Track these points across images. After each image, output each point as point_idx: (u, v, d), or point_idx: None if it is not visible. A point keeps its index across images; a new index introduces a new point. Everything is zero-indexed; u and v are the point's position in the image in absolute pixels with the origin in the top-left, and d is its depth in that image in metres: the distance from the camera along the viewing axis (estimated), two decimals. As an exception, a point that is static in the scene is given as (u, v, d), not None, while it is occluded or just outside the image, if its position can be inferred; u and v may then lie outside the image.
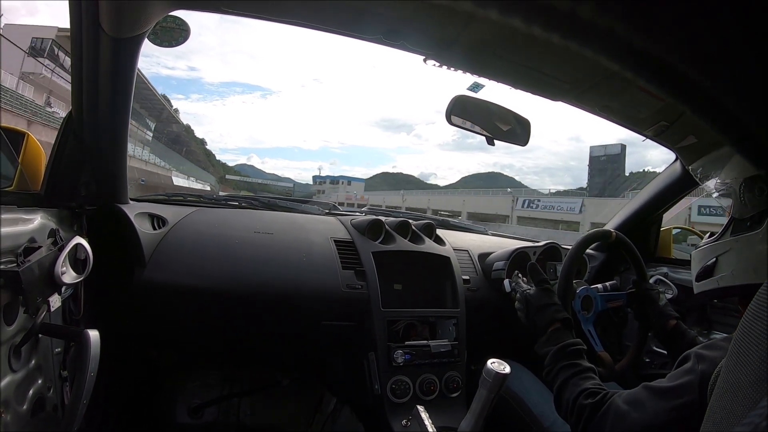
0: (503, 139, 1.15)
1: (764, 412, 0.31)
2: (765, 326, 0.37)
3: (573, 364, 0.88)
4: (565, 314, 1.01)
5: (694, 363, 0.71)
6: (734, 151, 0.47)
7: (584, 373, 0.87)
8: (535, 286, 1.10)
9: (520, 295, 1.12)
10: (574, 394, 0.82)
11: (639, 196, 1.67)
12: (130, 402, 1.54)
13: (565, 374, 0.87)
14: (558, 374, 0.88)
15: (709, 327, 1.39)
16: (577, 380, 0.85)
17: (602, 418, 0.77)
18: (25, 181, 0.93)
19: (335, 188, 71.55)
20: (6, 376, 0.72)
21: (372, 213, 1.76)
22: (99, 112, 0.94)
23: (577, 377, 0.85)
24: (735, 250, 0.82)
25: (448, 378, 1.31)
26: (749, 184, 0.82)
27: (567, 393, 0.84)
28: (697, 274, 0.91)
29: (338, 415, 1.64)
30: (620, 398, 0.77)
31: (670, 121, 1.14)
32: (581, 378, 0.85)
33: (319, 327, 1.34)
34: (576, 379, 0.85)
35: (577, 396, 0.81)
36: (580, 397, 0.81)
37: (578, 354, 0.91)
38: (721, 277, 0.84)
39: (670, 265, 1.57)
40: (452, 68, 0.91)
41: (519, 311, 1.11)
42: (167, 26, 0.86)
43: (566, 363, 0.88)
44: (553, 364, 0.90)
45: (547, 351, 0.93)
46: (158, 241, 1.21)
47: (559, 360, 0.90)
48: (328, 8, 0.82)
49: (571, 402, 0.82)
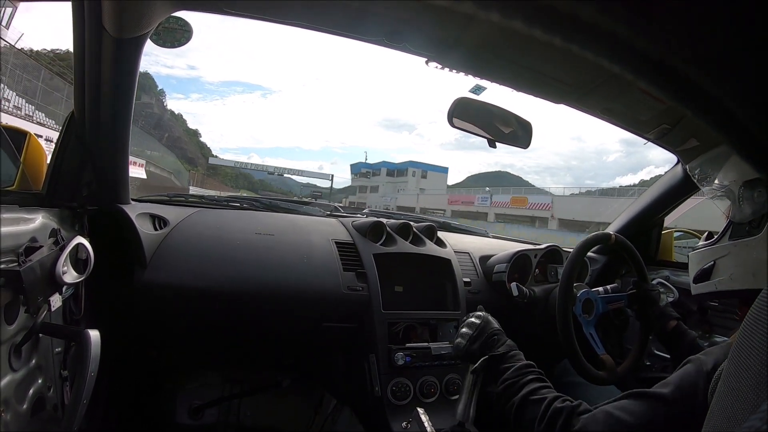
0: (505, 141, 1.15)
1: (765, 416, 0.31)
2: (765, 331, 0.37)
3: (541, 378, 0.85)
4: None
5: (694, 366, 0.70)
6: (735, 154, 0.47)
7: (551, 389, 0.83)
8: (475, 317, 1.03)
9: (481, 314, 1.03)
10: (547, 400, 0.78)
11: (640, 199, 1.67)
12: (131, 402, 1.54)
13: (534, 385, 0.83)
14: (528, 383, 0.84)
15: (710, 330, 1.39)
16: (548, 391, 0.81)
17: (588, 424, 0.72)
18: (27, 180, 0.93)
19: (398, 183, 49.16)
20: (6, 376, 0.72)
21: (373, 215, 1.76)
22: (101, 112, 0.95)
23: (547, 389, 0.82)
24: (733, 254, 0.82)
25: (448, 380, 1.30)
26: (749, 187, 0.81)
27: (534, 400, 0.80)
28: (695, 276, 0.90)
29: (338, 416, 1.64)
30: (610, 406, 0.73)
31: (672, 124, 1.14)
32: (550, 390, 0.82)
33: (320, 328, 1.34)
34: (546, 390, 0.82)
35: (551, 401, 0.78)
36: (555, 402, 0.77)
37: (543, 374, 0.87)
38: (720, 280, 0.84)
39: (671, 269, 1.57)
40: (454, 70, 0.91)
41: (462, 337, 1.00)
42: (170, 27, 0.86)
43: (534, 377, 0.85)
44: (521, 376, 0.86)
45: (510, 366, 0.89)
46: (159, 241, 1.21)
47: (529, 373, 0.86)
48: (330, 10, 0.82)
49: (543, 407, 0.78)
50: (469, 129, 1.11)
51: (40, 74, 15.54)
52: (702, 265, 0.88)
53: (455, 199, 38.74)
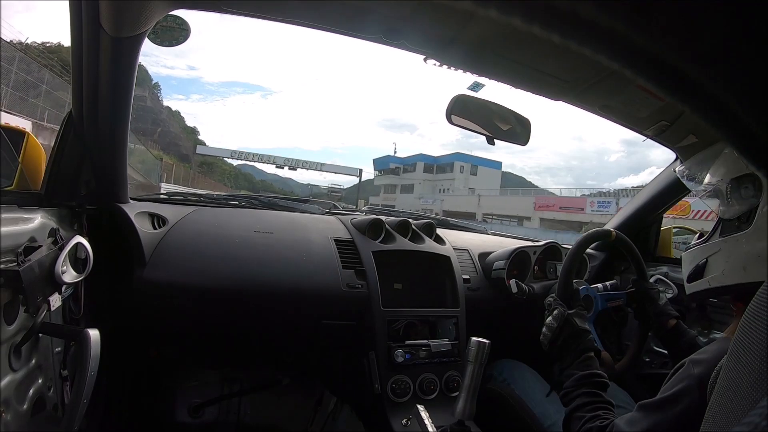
0: (503, 138, 1.15)
1: (764, 411, 0.31)
2: (764, 327, 0.37)
3: (596, 393, 0.89)
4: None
5: (689, 368, 0.72)
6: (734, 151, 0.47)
7: (604, 404, 0.87)
8: (574, 308, 1.04)
9: (558, 314, 1.02)
10: (585, 419, 0.83)
11: (639, 195, 1.67)
12: (131, 401, 1.54)
13: (585, 399, 0.87)
14: (578, 397, 0.88)
15: (709, 326, 1.39)
16: (594, 407, 0.85)
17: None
18: (26, 180, 0.93)
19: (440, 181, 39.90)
20: (6, 376, 0.72)
21: (372, 212, 1.76)
22: (99, 111, 0.94)
23: (595, 404, 0.86)
24: (724, 250, 0.83)
25: (448, 377, 1.31)
26: (735, 184, 0.82)
27: (577, 416, 0.85)
28: (688, 275, 0.91)
29: (338, 414, 1.65)
30: (621, 421, 0.77)
31: (671, 121, 1.14)
32: (599, 407, 0.86)
33: (319, 326, 1.34)
34: (594, 405, 0.86)
35: (587, 420, 0.82)
36: (588, 422, 0.82)
37: (604, 386, 0.91)
38: (712, 277, 0.84)
39: (670, 265, 1.57)
40: (452, 67, 0.91)
41: (548, 327, 1.02)
42: (167, 25, 0.86)
43: (589, 390, 0.89)
44: (576, 387, 0.90)
45: (574, 373, 0.93)
46: (158, 240, 1.21)
47: (584, 385, 0.90)
48: (328, 8, 0.82)
49: (580, 425, 0.83)
50: (468, 126, 1.11)
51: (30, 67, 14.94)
52: (694, 264, 0.89)
53: (547, 203, 27.10)
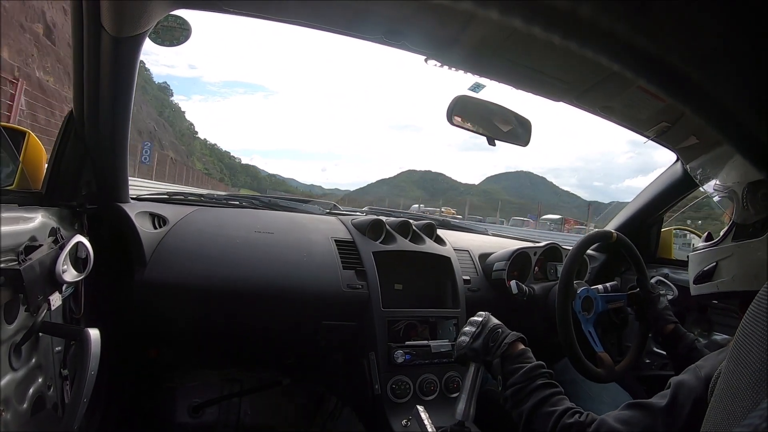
0: (504, 139, 1.15)
1: (764, 413, 0.31)
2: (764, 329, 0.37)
3: (552, 383, 0.83)
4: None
5: (694, 374, 0.70)
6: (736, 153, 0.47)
7: (562, 394, 0.82)
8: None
9: (476, 318, 0.99)
10: (557, 414, 0.77)
11: (640, 196, 1.67)
12: (131, 401, 1.54)
13: (544, 392, 0.81)
14: (534, 392, 0.82)
15: (710, 328, 1.39)
16: (556, 400, 0.80)
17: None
18: (26, 179, 0.93)
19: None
20: (6, 375, 0.72)
21: (372, 213, 1.76)
22: (100, 111, 0.94)
23: (556, 397, 0.80)
24: (737, 255, 0.81)
25: (448, 378, 1.31)
26: (753, 189, 0.80)
27: (544, 413, 0.79)
28: (695, 276, 0.90)
29: (338, 414, 1.64)
30: (610, 418, 0.73)
31: (672, 122, 1.14)
32: (560, 398, 0.80)
33: (320, 326, 1.34)
34: (555, 399, 0.80)
35: (560, 415, 0.76)
36: (564, 416, 0.76)
37: (551, 376, 0.85)
38: (721, 282, 0.83)
39: (670, 266, 1.57)
40: (453, 68, 0.91)
41: (465, 335, 0.97)
42: (168, 25, 0.86)
43: (545, 382, 0.83)
44: (527, 382, 0.83)
45: (518, 367, 0.86)
46: (159, 240, 1.21)
47: (535, 377, 0.84)
48: (329, 8, 0.82)
49: (552, 422, 0.76)
50: (469, 127, 1.11)
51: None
52: (703, 266, 0.87)
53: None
